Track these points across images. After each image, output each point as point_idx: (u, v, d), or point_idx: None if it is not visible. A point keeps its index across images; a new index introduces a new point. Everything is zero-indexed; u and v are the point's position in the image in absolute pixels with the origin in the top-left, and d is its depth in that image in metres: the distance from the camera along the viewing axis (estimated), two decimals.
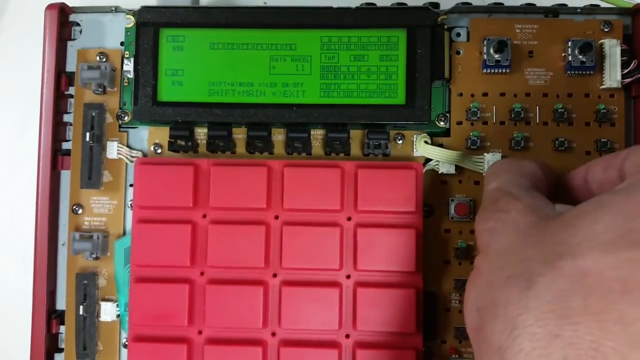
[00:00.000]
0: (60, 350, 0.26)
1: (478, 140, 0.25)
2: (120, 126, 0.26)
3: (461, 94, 0.25)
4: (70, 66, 0.27)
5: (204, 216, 0.24)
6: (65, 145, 0.27)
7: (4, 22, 0.32)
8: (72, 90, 0.27)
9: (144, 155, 0.26)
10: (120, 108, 0.26)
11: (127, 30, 0.26)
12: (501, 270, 0.16)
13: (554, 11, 0.25)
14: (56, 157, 0.26)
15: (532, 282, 0.15)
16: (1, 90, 0.32)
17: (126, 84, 0.26)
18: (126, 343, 0.25)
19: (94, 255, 0.26)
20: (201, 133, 0.26)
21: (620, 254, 0.14)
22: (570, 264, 0.14)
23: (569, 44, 0.24)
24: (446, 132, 0.25)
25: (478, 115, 0.25)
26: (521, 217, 0.17)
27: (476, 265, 0.17)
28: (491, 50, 0.24)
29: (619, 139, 0.24)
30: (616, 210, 0.15)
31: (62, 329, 0.26)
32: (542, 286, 0.14)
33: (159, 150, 0.26)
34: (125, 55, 0.26)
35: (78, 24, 0.27)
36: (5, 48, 0.32)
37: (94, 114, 0.26)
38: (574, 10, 0.25)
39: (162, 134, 0.26)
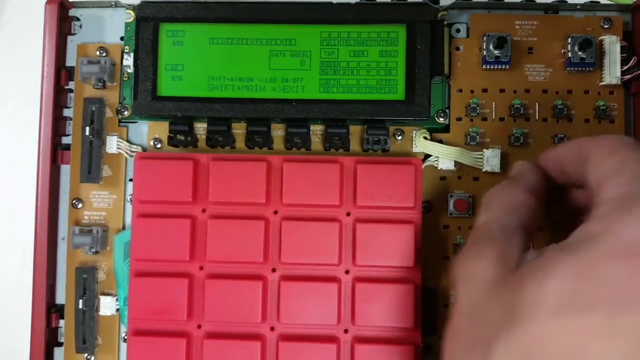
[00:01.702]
0: (60, 344, 0.26)
1: (477, 137, 0.25)
2: (120, 121, 0.26)
3: (461, 90, 0.25)
4: (70, 61, 0.27)
5: (204, 211, 0.25)
6: (65, 140, 0.27)
7: (4, 17, 0.32)
8: (72, 85, 0.27)
9: (144, 150, 0.26)
10: (120, 103, 0.26)
11: (127, 25, 0.26)
12: (465, 335, 0.17)
13: (554, 8, 0.25)
14: (56, 152, 0.26)
15: (488, 355, 0.15)
16: (1, 84, 0.32)
17: (126, 79, 0.26)
18: (125, 337, 0.25)
19: (93, 250, 0.26)
20: (200, 128, 0.26)
21: (567, 321, 0.14)
22: (519, 334, 0.15)
23: (569, 40, 0.24)
24: (445, 128, 0.25)
25: (477, 112, 0.25)
26: (491, 267, 0.17)
27: (450, 316, 0.18)
28: (491, 47, 0.24)
29: None
30: (564, 273, 0.15)
31: (62, 323, 0.26)
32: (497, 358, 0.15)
33: (159, 145, 0.26)
34: (125, 50, 0.26)
35: (78, 19, 0.27)
36: (5, 42, 0.32)
37: (93, 108, 0.26)
38: (573, 7, 0.25)
39: (162, 129, 0.26)
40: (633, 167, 0.18)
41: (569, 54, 0.24)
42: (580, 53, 0.24)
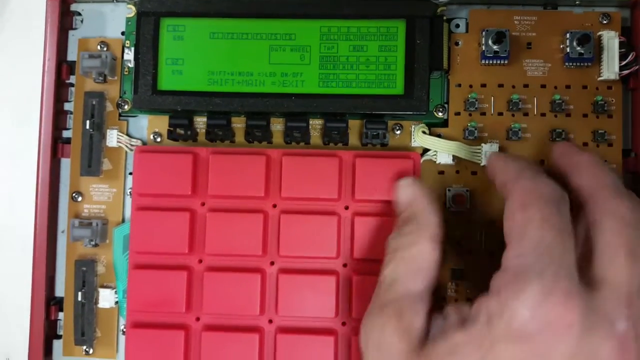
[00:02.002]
0: (59, 337, 0.26)
1: (476, 131, 0.25)
2: (120, 115, 0.26)
3: (459, 85, 0.25)
4: (72, 55, 0.27)
5: (203, 204, 0.25)
6: (66, 134, 0.27)
7: (7, 12, 0.32)
8: (73, 79, 0.27)
9: (144, 143, 0.26)
10: (120, 97, 0.26)
11: (127, 19, 0.26)
12: None
13: (553, 3, 0.25)
14: (56, 145, 0.26)
15: None
16: (3, 78, 0.32)
17: (126, 73, 0.26)
18: (124, 329, 0.26)
19: (93, 242, 0.26)
20: (200, 122, 0.26)
21: None
22: None
23: (568, 35, 0.24)
24: (444, 123, 0.25)
25: (476, 106, 0.25)
26: (398, 342, 0.19)
27: None
28: (490, 42, 0.24)
29: (616, 130, 0.25)
30: (466, 358, 0.17)
31: (61, 315, 0.26)
32: None
33: (159, 139, 0.26)
34: (126, 45, 0.26)
35: (79, 14, 0.27)
36: (8, 37, 0.32)
37: (94, 102, 0.26)
38: (572, 2, 0.25)
39: (162, 123, 0.26)
40: (534, 234, 0.18)
41: (568, 49, 0.24)
42: (578, 48, 0.24)
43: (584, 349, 0.17)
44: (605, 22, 0.25)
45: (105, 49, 0.27)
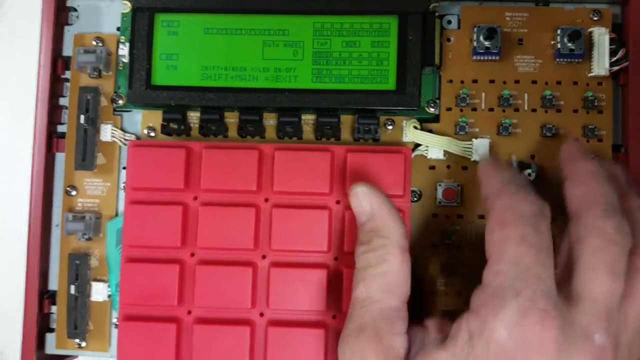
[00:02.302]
0: (52, 330, 0.26)
1: (467, 127, 0.25)
2: (114, 109, 0.27)
3: (451, 81, 0.25)
4: (67, 51, 0.27)
5: (195, 198, 0.25)
6: (61, 129, 0.27)
7: (4, 7, 0.33)
8: (68, 75, 0.27)
9: (138, 138, 0.26)
10: (115, 92, 0.27)
11: (123, 15, 0.27)
12: None
13: (544, 0, 0.25)
14: (51, 140, 0.27)
15: None
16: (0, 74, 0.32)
17: (121, 68, 0.26)
18: (117, 323, 0.26)
19: (86, 236, 0.26)
20: (194, 117, 0.26)
21: None
22: None
23: (558, 32, 0.24)
24: (436, 118, 0.25)
25: (467, 102, 0.25)
26: None
27: None
28: (481, 38, 0.24)
29: (606, 126, 0.25)
30: None
31: (54, 309, 0.26)
32: None
33: (152, 134, 0.26)
34: (121, 40, 0.26)
35: (75, 9, 0.27)
36: (4, 32, 0.32)
37: (89, 97, 0.26)
38: None
39: (156, 118, 0.26)
40: (512, 252, 0.18)
41: (559, 46, 0.24)
42: (569, 44, 0.24)
43: None
44: (596, 18, 0.25)
45: (100, 44, 0.27)
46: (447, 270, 0.24)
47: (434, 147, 0.25)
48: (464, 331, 0.18)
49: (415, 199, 0.25)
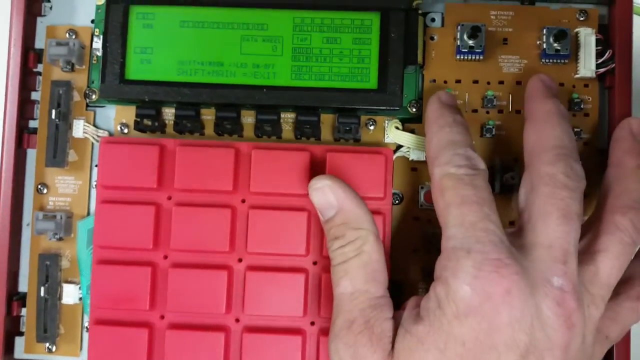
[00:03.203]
0: (21, 334, 0.25)
1: None
2: (87, 105, 0.26)
3: (434, 81, 0.25)
4: (40, 43, 0.26)
5: (169, 198, 0.24)
6: (33, 124, 0.26)
7: None
8: (40, 68, 0.26)
9: (111, 134, 0.25)
10: (88, 86, 0.26)
11: (97, 7, 0.26)
12: None
13: None
14: (22, 135, 0.26)
15: None
16: None
17: (95, 62, 0.26)
18: (88, 326, 0.25)
19: (57, 236, 0.25)
20: (169, 113, 0.25)
21: None
22: None
23: (544, 31, 0.24)
24: (418, 119, 0.25)
25: None
26: (372, 353, 0.19)
27: None
28: (465, 36, 0.24)
29: (591, 129, 0.24)
30: (432, 346, 0.18)
31: (24, 312, 0.25)
32: None
33: (126, 130, 0.25)
34: (95, 33, 0.25)
35: (48, 0, 0.26)
36: None
37: (61, 91, 0.25)
38: None
39: (129, 114, 0.25)
40: (455, 214, 0.19)
41: (544, 45, 0.24)
42: (555, 44, 0.24)
43: (527, 311, 0.18)
44: (582, 18, 0.24)
45: (74, 37, 0.26)
46: (428, 275, 0.24)
47: (415, 148, 0.24)
48: (432, 299, 0.19)
49: (396, 201, 0.24)
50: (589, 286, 0.19)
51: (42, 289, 0.25)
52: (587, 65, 0.24)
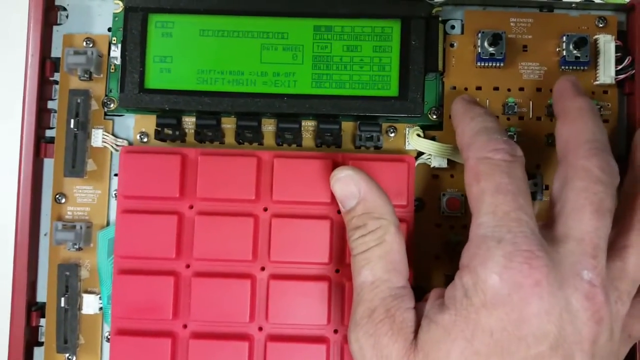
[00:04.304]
0: (41, 344, 0.25)
1: None
2: (105, 114, 0.26)
3: (454, 87, 0.25)
4: (56, 52, 0.26)
5: (191, 207, 0.24)
6: (50, 133, 0.26)
7: None
8: (57, 77, 0.26)
9: (130, 144, 0.25)
10: (106, 95, 0.25)
11: (115, 15, 0.26)
12: None
13: (549, 6, 0.25)
14: (39, 145, 0.26)
15: None
16: None
17: (113, 71, 0.25)
18: (108, 337, 0.25)
19: (76, 246, 0.25)
20: (189, 122, 0.25)
21: None
22: None
23: (564, 38, 0.24)
24: (439, 126, 0.25)
25: None
26: (393, 342, 0.19)
27: None
28: (485, 44, 0.24)
29: (611, 136, 0.24)
30: (458, 336, 0.18)
31: (43, 322, 0.25)
32: None
33: (145, 139, 0.25)
34: (113, 42, 0.25)
35: (65, 9, 0.26)
36: None
37: (79, 100, 0.25)
38: (568, 5, 0.25)
39: (149, 123, 0.25)
40: (489, 202, 0.19)
41: (564, 53, 0.24)
42: (575, 52, 0.24)
43: (557, 303, 0.18)
44: (601, 25, 0.24)
45: (91, 45, 0.26)
46: (450, 281, 0.24)
47: (437, 155, 0.24)
48: (459, 288, 0.18)
49: (418, 208, 0.24)
50: (617, 282, 0.19)
51: (62, 299, 0.25)
52: (607, 72, 0.24)
